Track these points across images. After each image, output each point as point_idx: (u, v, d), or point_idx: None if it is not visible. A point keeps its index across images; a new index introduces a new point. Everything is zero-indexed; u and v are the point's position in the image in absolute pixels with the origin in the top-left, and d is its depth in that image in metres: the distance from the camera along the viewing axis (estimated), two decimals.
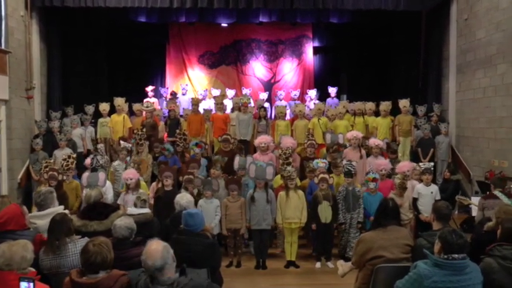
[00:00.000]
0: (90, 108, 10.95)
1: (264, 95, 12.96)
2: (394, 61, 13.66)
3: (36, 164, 9.39)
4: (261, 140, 8.50)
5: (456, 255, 3.17)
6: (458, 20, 10.84)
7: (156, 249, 3.02)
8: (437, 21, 11.64)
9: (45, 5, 10.57)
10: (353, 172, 7.03)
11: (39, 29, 10.92)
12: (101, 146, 9.13)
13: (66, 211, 4.89)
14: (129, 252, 3.92)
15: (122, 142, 8.78)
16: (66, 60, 12.01)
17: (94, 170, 7.62)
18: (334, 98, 12.83)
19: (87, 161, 8.15)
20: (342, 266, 4.50)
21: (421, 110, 10.93)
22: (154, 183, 7.51)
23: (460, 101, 10.78)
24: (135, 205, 5.24)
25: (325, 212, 6.75)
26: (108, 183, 7.46)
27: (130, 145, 8.75)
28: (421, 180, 7.26)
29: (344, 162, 7.37)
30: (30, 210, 4.98)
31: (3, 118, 9.41)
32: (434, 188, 7.13)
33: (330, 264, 6.90)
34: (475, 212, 6.68)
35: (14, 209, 4.26)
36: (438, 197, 6.97)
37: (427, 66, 12.10)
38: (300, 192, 6.92)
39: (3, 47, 9.35)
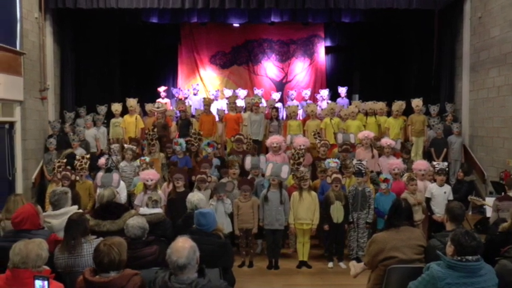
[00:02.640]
0: (102, 109, 11.03)
1: (276, 95, 12.96)
2: (407, 60, 13.57)
3: (49, 163, 9.49)
4: (273, 140, 8.50)
5: (470, 257, 3.14)
6: (472, 18, 10.73)
7: (183, 246, 3.00)
8: (450, 19, 11.54)
9: (59, 7, 10.68)
10: (363, 172, 7.00)
11: (52, 30, 11.04)
12: (114, 146, 9.18)
13: (80, 211, 4.94)
14: (142, 252, 3.95)
15: (125, 145, 8.82)
16: (79, 61, 12.13)
17: (109, 170, 7.67)
18: (344, 98, 12.78)
19: (101, 161, 8.21)
20: (354, 266, 4.48)
21: (434, 109, 10.84)
22: (165, 184, 7.52)
23: (474, 100, 10.66)
24: (147, 205, 5.27)
25: (337, 212, 6.73)
26: (122, 183, 7.51)
27: (135, 147, 8.75)
28: (434, 180, 7.19)
29: (354, 161, 7.33)
30: (43, 210, 5.03)
31: (18, 119, 9.53)
32: (447, 188, 7.07)
33: (342, 264, 6.87)
34: (489, 212, 6.60)
35: (29, 209, 4.31)
36: (451, 197, 6.91)
37: (440, 65, 12.00)
38: (313, 193, 6.89)
39: (18, 48, 9.48)
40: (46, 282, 3.01)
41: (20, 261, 3.23)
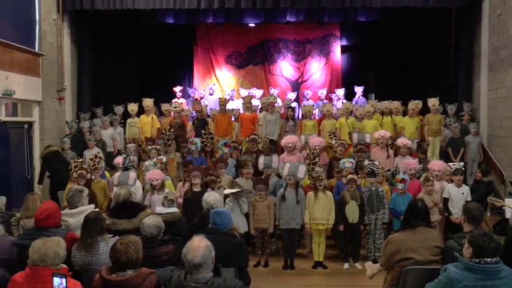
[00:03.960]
0: (119, 109, 11.13)
1: (292, 95, 12.94)
2: (423, 59, 13.44)
3: None
4: (288, 140, 8.48)
5: (489, 259, 3.08)
6: (491, 16, 10.57)
7: (198, 245, 3.00)
8: (468, 17, 11.39)
9: (76, 9, 10.82)
10: (376, 172, 6.94)
11: (70, 31, 11.19)
12: (131, 145, 9.25)
13: (97, 210, 5.00)
14: (158, 251, 3.97)
15: (130, 145, 8.90)
16: (96, 61, 12.27)
17: (126, 169, 7.75)
18: (361, 97, 12.69)
19: (118, 160, 8.27)
20: (370, 267, 4.45)
21: (451, 108, 10.70)
22: (180, 184, 7.54)
23: (492, 99, 10.50)
24: (163, 204, 5.30)
25: (352, 212, 6.68)
26: (138, 182, 7.56)
27: (158, 146, 8.83)
28: (451, 181, 7.10)
29: (366, 162, 7.28)
30: None
31: (36, 119, 9.70)
32: (465, 188, 6.97)
33: (358, 265, 6.82)
34: (508, 214, 6.50)
35: (52, 206, 4.39)
36: (469, 198, 6.80)
37: (458, 64, 11.85)
38: (329, 193, 6.86)
39: (36, 50, 9.64)
40: (64, 280, 3.05)
41: (38, 259, 3.28)
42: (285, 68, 15.03)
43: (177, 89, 12.68)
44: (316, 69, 14.99)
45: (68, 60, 11.08)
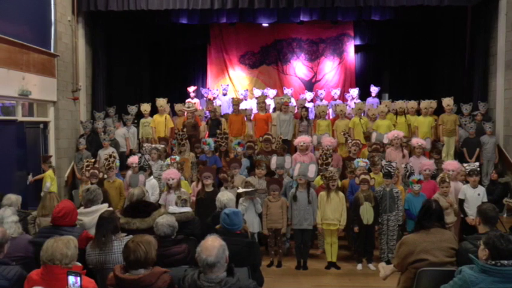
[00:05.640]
0: (133, 109, 11.21)
1: (310, 95, 12.90)
2: (438, 58, 13.30)
3: (80, 163, 9.68)
4: (300, 139, 8.49)
5: (505, 262, 3.04)
6: (508, 14, 10.40)
7: (212, 245, 3.01)
8: (484, 16, 11.23)
9: (91, 10, 10.90)
10: (392, 173, 6.88)
11: (84, 32, 11.28)
12: (147, 145, 9.29)
13: (111, 209, 5.03)
14: (171, 250, 3.99)
15: (146, 145, 8.95)
16: (110, 62, 12.35)
17: (142, 168, 7.81)
18: (375, 98, 12.61)
19: (133, 159, 8.32)
20: (384, 268, 4.42)
21: (466, 108, 10.58)
22: (194, 183, 7.58)
23: (509, 98, 10.34)
24: (176, 204, 5.32)
25: (367, 213, 6.64)
26: (154, 181, 7.62)
27: (160, 146, 8.87)
28: (466, 182, 7.01)
29: (384, 162, 7.22)
30: None
31: (51, 119, 9.81)
32: (481, 189, 6.86)
33: (371, 266, 6.79)
34: None
35: (69, 205, 4.43)
36: (485, 199, 6.70)
37: (473, 63, 11.69)
38: (341, 194, 6.83)
39: (52, 51, 9.75)
40: (79, 278, 3.08)
41: (47, 258, 3.32)
42: (298, 67, 14.99)
43: (191, 89, 12.72)
44: (330, 68, 14.93)
45: (83, 61, 11.19)
